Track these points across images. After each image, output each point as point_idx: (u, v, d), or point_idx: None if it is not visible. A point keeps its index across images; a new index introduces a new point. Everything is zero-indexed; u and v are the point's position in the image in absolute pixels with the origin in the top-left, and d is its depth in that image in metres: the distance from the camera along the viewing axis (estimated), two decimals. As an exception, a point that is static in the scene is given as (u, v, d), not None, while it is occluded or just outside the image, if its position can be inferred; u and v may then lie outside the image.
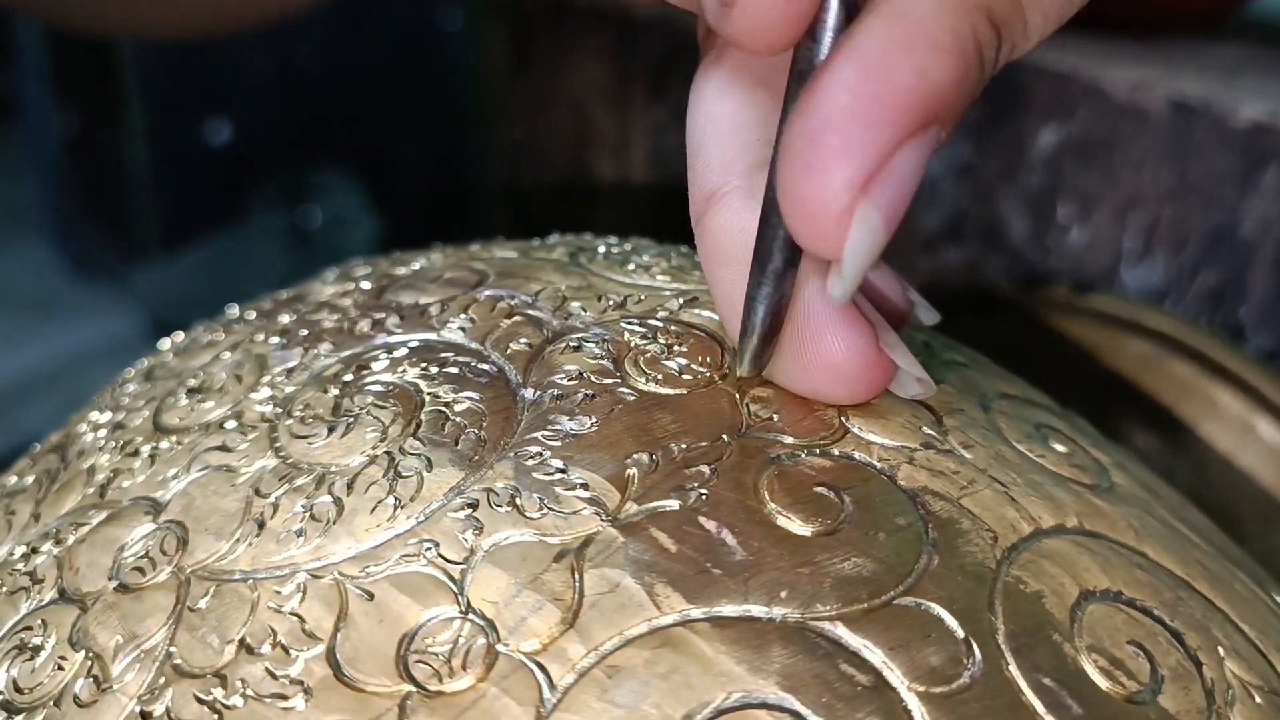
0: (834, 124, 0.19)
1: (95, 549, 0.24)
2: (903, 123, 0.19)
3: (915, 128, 0.19)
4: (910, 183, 0.20)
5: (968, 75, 0.20)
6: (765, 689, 0.19)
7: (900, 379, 0.24)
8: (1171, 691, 0.21)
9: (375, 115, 0.90)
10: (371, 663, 0.20)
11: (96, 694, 0.21)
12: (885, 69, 0.19)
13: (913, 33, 0.19)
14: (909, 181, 0.20)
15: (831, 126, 0.19)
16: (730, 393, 0.24)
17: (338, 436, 0.24)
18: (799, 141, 0.20)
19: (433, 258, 0.30)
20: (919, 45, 0.19)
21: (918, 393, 0.24)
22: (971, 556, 0.22)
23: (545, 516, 0.21)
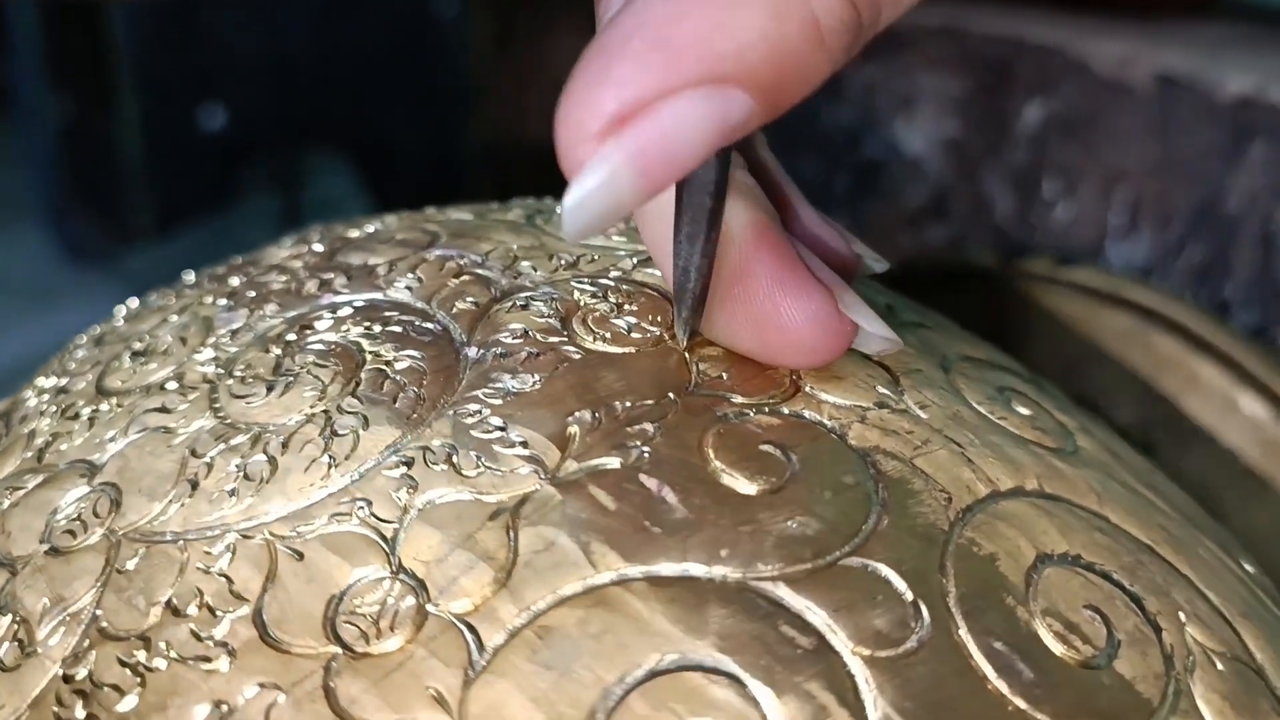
0: (610, 48, 0.18)
1: (28, 512, 0.23)
2: (679, 68, 0.18)
3: (694, 78, 0.18)
4: (679, 140, 0.18)
5: (785, 44, 0.18)
6: (701, 651, 0.19)
7: (864, 337, 0.23)
8: (1128, 656, 0.20)
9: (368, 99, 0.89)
10: (298, 624, 0.20)
11: (20, 658, 0.21)
12: (681, 9, 0.18)
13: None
14: (678, 137, 0.18)
15: (607, 50, 0.18)
16: (680, 352, 0.23)
17: (276, 395, 0.23)
18: (584, 58, 0.19)
19: (387, 220, 0.29)
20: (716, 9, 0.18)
21: (883, 349, 0.23)
22: (923, 517, 0.21)
23: (482, 475, 0.21)
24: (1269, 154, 0.44)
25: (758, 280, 0.22)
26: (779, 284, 0.22)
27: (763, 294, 0.22)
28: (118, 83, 0.88)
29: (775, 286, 0.22)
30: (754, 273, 0.22)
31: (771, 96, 0.19)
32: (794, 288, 0.22)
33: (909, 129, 0.52)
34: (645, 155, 0.18)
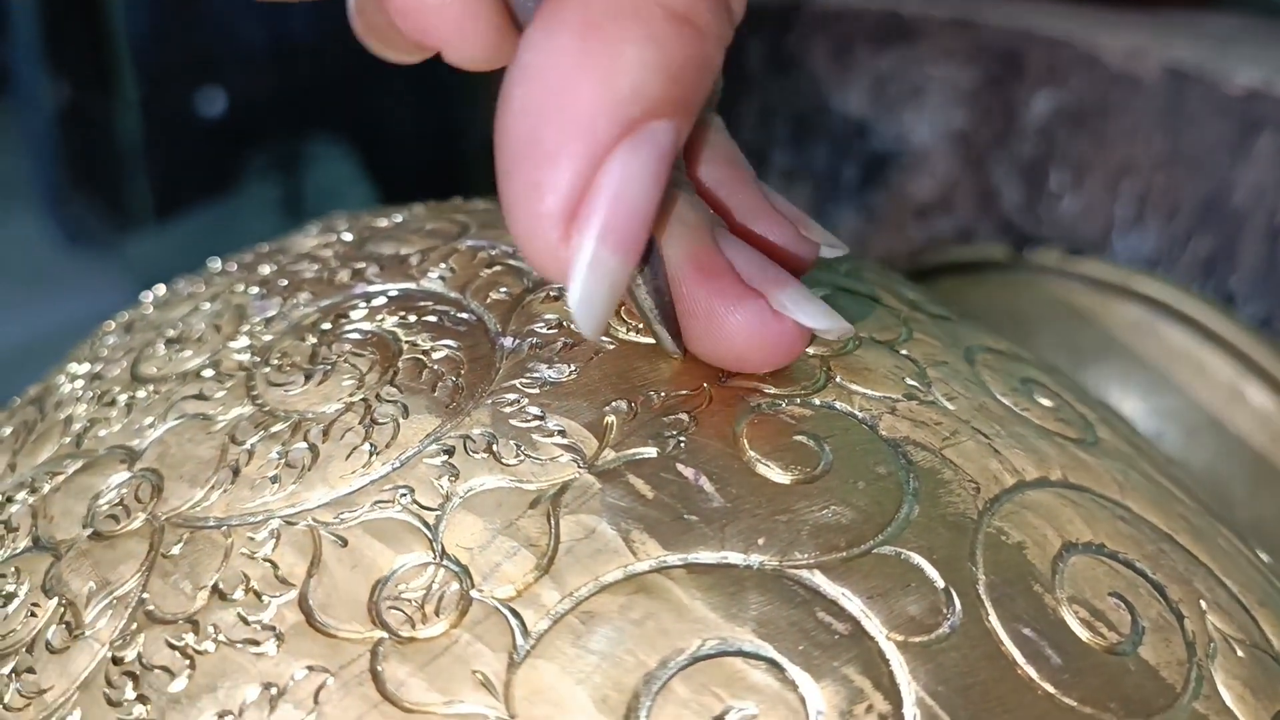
0: (522, 153, 0.18)
1: (70, 497, 0.24)
2: (595, 139, 0.18)
3: (614, 138, 0.18)
4: (632, 197, 0.18)
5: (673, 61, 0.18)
6: (741, 636, 0.19)
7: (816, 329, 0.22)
8: (1152, 643, 0.21)
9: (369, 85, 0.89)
10: (344, 609, 0.20)
11: (69, 640, 0.21)
12: (554, 79, 0.17)
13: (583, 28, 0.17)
14: (629, 195, 0.18)
15: (521, 156, 0.18)
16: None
17: (314, 384, 0.23)
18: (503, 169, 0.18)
19: (415, 210, 0.29)
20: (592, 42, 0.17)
21: (835, 335, 0.23)
22: (953, 507, 0.21)
23: (522, 463, 0.21)
24: (1277, 147, 0.44)
25: (695, 300, 0.22)
26: (714, 298, 0.21)
27: (702, 311, 0.21)
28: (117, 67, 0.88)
29: (711, 301, 0.21)
30: (692, 294, 0.21)
31: (686, 107, 0.19)
32: (727, 299, 0.21)
33: (917, 120, 0.52)
34: (612, 229, 0.18)
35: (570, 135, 0.18)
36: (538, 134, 0.18)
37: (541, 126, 0.18)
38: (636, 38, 0.18)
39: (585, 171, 0.18)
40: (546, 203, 0.18)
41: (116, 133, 0.90)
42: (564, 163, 0.18)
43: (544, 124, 0.18)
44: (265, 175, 0.92)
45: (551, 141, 0.18)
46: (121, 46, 0.87)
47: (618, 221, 0.18)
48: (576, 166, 0.18)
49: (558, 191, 0.18)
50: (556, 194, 0.18)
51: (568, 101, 0.18)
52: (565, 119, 0.18)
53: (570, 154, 0.18)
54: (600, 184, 0.18)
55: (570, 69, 0.18)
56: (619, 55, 0.18)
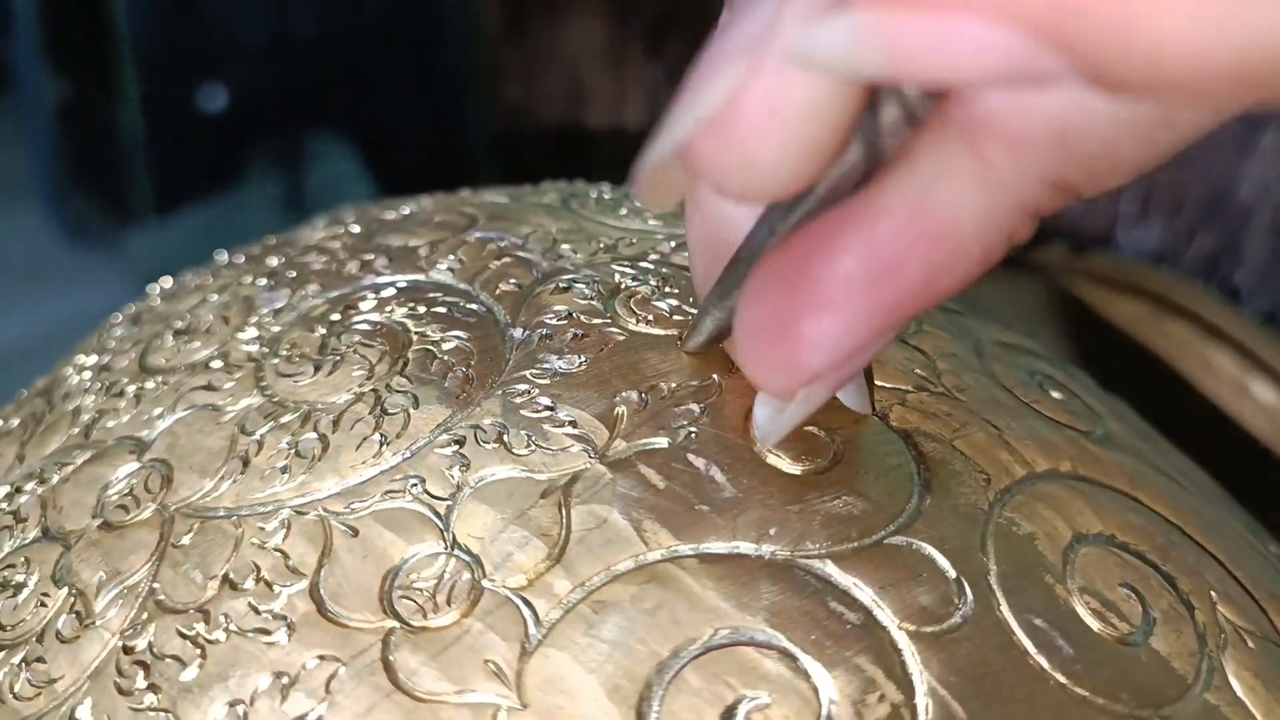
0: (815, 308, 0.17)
1: (79, 488, 0.24)
2: (889, 323, 0.17)
3: (900, 325, 0.18)
4: (868, 359, 0.18)
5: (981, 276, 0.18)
6: (753, 625, 0.19)
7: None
8: (1163, 634, 0.21)
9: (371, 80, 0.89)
10: (355, 598, 0.20)
11: (79, 630, 0.21)
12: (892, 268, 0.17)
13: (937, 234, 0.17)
14: (867, 360, 0.18)
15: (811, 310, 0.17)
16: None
17: (324, 375, 0.23)
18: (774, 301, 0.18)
19: (422, 203, 0.29)
20: (940, 251, 0.17)
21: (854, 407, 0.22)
22: (964, 498, 0.21)
23: (533, 453, 0.21)
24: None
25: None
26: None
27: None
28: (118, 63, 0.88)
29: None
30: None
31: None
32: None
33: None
34: (844, 382, 0.19)
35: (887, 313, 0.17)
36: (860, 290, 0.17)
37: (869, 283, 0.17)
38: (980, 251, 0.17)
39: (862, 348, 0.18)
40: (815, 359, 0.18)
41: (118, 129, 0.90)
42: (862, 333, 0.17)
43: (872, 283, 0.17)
44: (267, 171, 0.91)
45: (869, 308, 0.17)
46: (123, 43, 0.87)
47: (845, 380, 0.19)
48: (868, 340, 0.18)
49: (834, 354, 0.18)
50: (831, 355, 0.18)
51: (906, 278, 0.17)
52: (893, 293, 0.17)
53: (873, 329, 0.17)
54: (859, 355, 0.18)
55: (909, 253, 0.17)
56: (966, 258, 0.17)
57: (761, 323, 0.18)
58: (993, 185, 0.17)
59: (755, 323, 0.18)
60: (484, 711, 0.19)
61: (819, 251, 0.17)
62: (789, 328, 0.18)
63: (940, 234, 0.17)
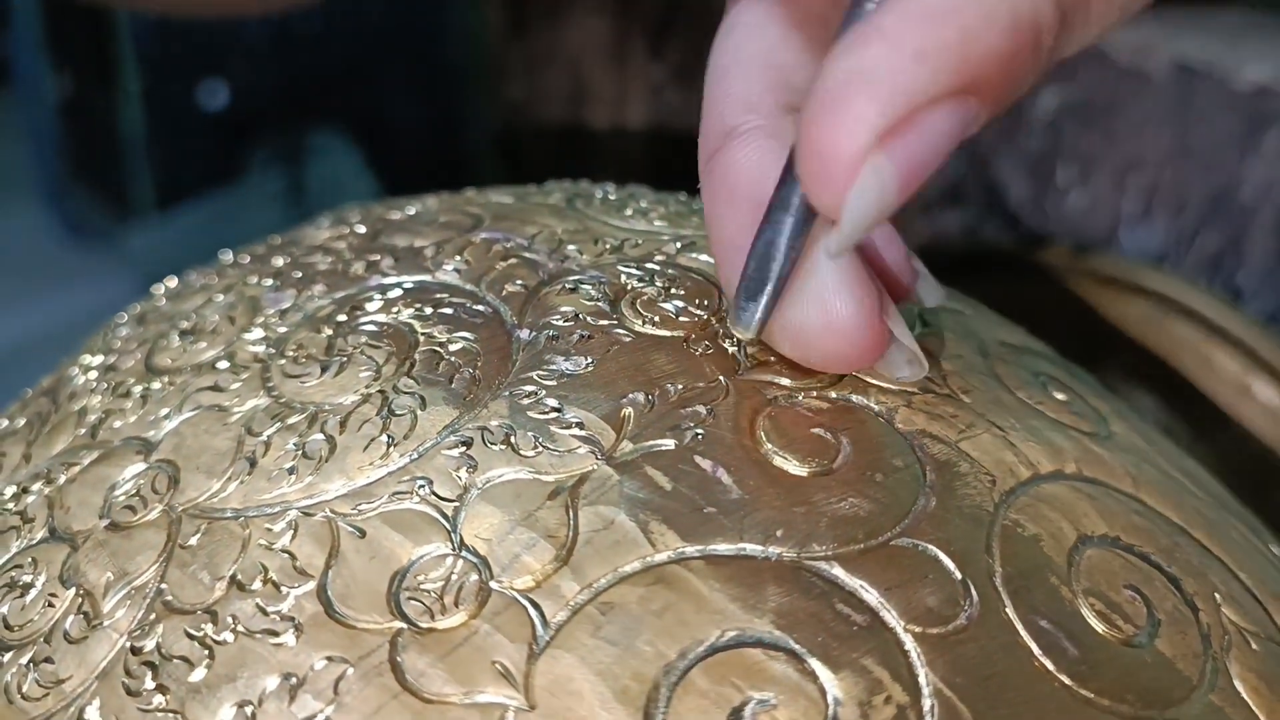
0: (865, 68, 0.18)
1: (86, 488, 0.24)
2: (938, 80, 0.18)
3: (951, 89, 0.18)
4: (935, 150, 0.19)
5: (1018, 56, 0.19)
6: (760, 627, 0.19)
7: (891, 357, 0.23)
8: (1168, 635, 0.21)
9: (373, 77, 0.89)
10: (363, 599, 0.20)
11: (87, 630, 0.21)
12: (931, 22, 0.18)
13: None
14: (934, 148, 0.19)
15: (862, 70, 0.18)
16: (729, 334, 0.23)
17: (331, 375, 0.23)
18: (827, 81, 0.18)
19: (427, 203, 0.29)
20: (970, 9, 0.18)
21: (906, 375, 0.23)
22: (969, 499, 0.21)
23: (540, 455, 0.21)
24: (1284, 143, 0.44)
25: (824, 274, 0.22)
26: (842, 276, 0.21)
27: (826, 285, 0.21)
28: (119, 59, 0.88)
29: (845, 276, 0.22)
30: (823, 268, 0.21)
31: (998, 104, 0.19)
32: (844, 282, 0.22)
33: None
34: (910, 166, 0.19)
35: (920, 71, 0.18)
36: (894, 47, 0.18)
37: (899, 42, 0.18)
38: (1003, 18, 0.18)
39: (912, 106, 0.18)
40: (869, 112, 0.18)
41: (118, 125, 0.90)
42: (901, 91, 0.18)
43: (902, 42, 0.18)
44: (268, 168, 0.91)
45: (901, 60, 0.18)
46: (124, 39, 0.87)
47: (916, 163, 0.19)
48: (910, 98, 0.18)
49: (885, 109, 0.18)
50: (883, 110, 0.18)
51: (932, 36, 0.18)
52: (921, 49, 0.18)
53: (913, 78, 0.18)
54: (921, 122, 0.18)
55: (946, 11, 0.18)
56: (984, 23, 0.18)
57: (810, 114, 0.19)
58: None
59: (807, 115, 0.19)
60: (492, 713, 0.19)
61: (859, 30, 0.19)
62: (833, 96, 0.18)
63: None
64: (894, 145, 0.18)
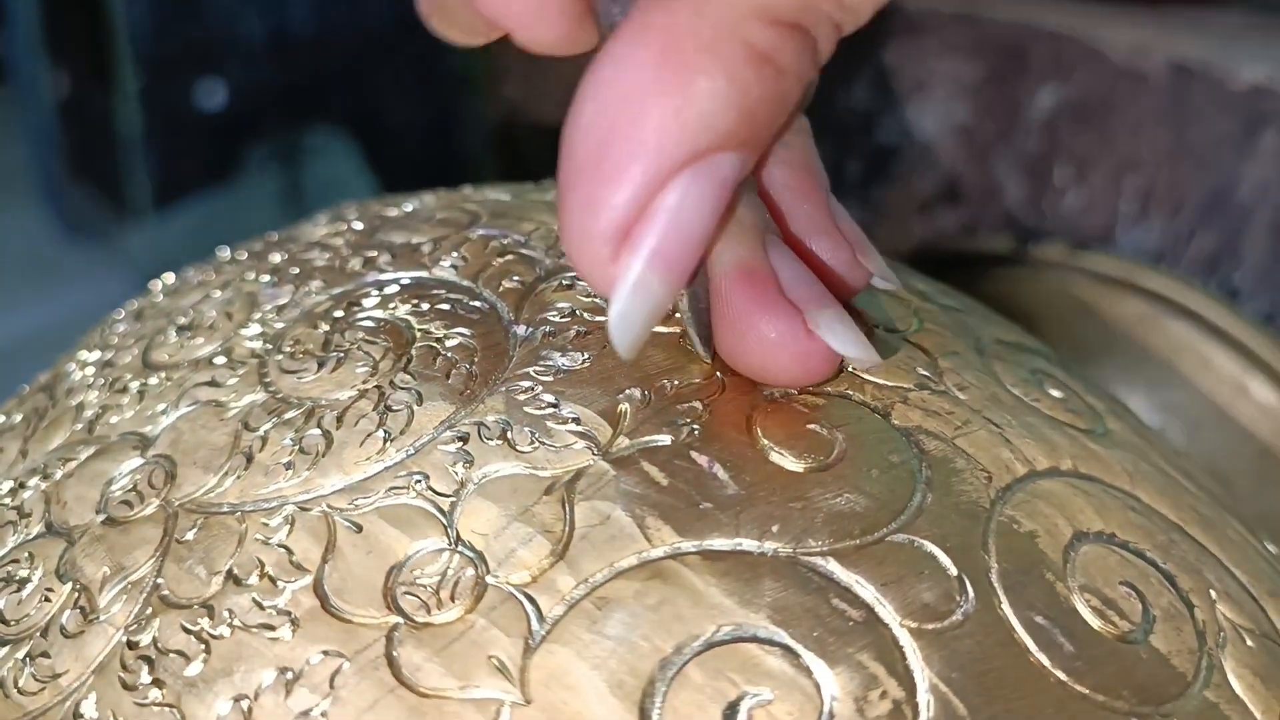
0: (586, 169, 0.18)
1: (83, 483, 0.24)
2: (659, 163, 0.18)
3: (677, 165, 0.18)
4: (687, 224, 0.18)
5: (748, 95, 0.18)
6: (756, 622, 0.19)
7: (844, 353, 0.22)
8: (1163, 631, 0.21)
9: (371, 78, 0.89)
10: (359, 594, 0.20)
11: (83, 625, 0.21)
12: (626, 98, 0.17)
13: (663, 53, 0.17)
14: (684, 221, 0.18)
15: (584, 171, 0.18)
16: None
17: (328, 371, 0.24)
18: (564, 181, 0.18)
19: (425, 199, 0.30)
20: (669, 69, 0.17)
21: (865, 365, 0.23)
22: (965, 495, 0.21)
23: (536, 450, 0.21)
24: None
25: (732, 305, 0.21)
26: (752, 305, 0.21)
27: (736, 316, 0.21)
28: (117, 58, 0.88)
29: (748, 308, 0.21)
30: (729, 298, 0.21)
31: (754, 142, 0.19)
32: (764, 308, 0.21)
33: (922, 114, 0.53)
34: (662, 254, 0.18)
35: (633, 157, 0.18)
36: (602, 150, 0.18)
37: (607, 144, 0.18)
38: (714, 71, 0.18)
39: (643, 195, 0.18)
40: (601, 220, 0.18)
41: (116, 124, 0.90)
42: (624, 183, 0.18)
43: (610, 142, 0.18)
44: (265, 167, 0.91)
45: (614, 160, 0.18)
46: (122, 38, 0.87)
47: (668, 248, 0.18)
48: (635, 188, 0.18)
49: (614, 211, 0.18)
50: (612, 213, 0.18)
51: (636, 123, 0.18)
52: (631, 140, 0.18)
53: (631, 175, 0.18)
54: (656, 209, 0.18)
55: (644, 91, 0.18)
56: (694, 85, 0.18)
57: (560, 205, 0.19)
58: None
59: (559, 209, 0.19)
60: (487, 707, 0.19)
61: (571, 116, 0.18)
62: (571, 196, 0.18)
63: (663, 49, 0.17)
64: (640, 239, 0.18)
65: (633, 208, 0.18)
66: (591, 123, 0.18)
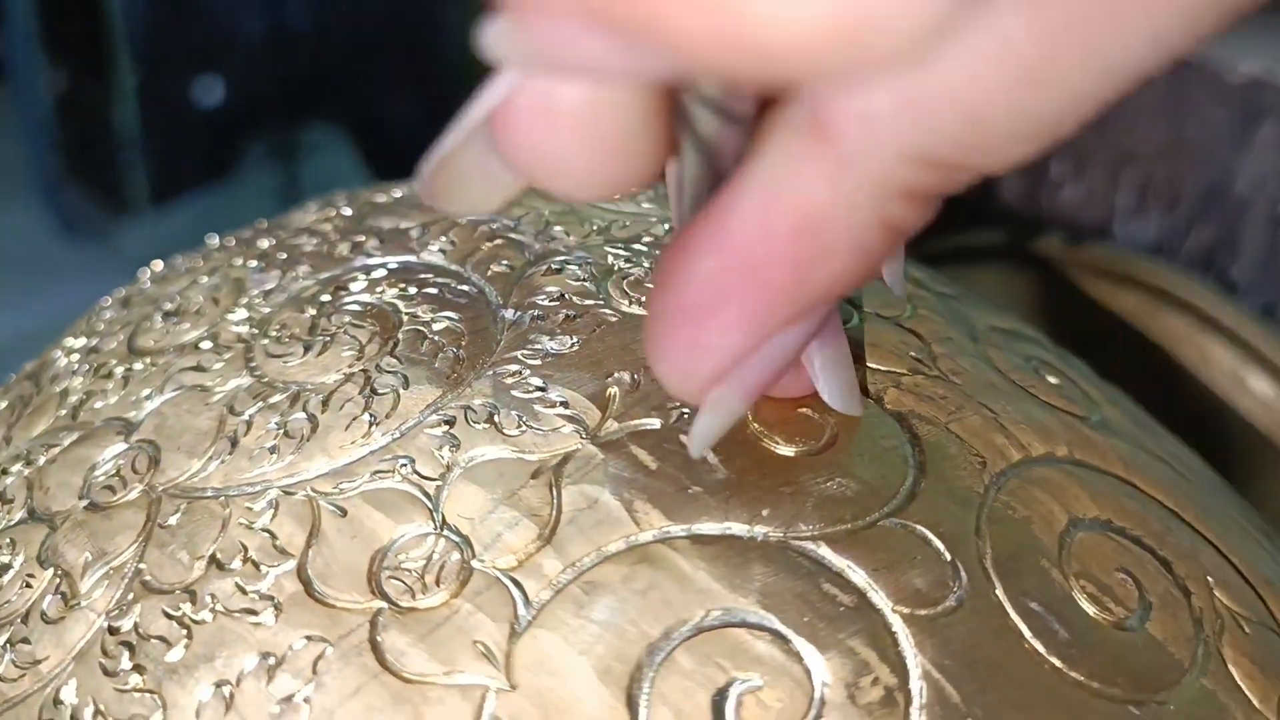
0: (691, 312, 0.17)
1: (66, 469, 0.23)
2: (773, 321, 0.17)
3: (790, 321, 0.17)
4: (781, 362, 0.18)
5: (868, 268, 0.17)
6: (745, 607, 0.19)
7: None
8: (1160, 619, 0.21)
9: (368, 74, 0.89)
10: (343, 579, 0.20)
11: (64, 610, 0.21)
12: (753, 269, 0.17)
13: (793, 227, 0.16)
14: (779, 362, 0.18)
15: (687, 314, 0.17)
16: None
17: (314, 355, 0.23)
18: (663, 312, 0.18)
19: (414, 186, 0.29)
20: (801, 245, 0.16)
21: (840, 406, 0.21)
22: (959, 481, 0.21)
23: (524, 434, 0.21)
24: (1278, 135, 0.44)
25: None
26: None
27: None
28: (114, 55, 0.88)
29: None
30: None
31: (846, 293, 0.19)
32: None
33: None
34: (758, 385, 0.18)
35: (751, 319, 0.17)
36: (719, 304, 0.17)
37: (723, 302, 0.17)
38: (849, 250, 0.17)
39: (751, 348, 0.18)
40: (706, 365, 0.18)
41: (113, 121, 0.90)
42: (736, 337, 0.17)
43: (725, 303, 0.17)
44: (262, 164, 0.91)
45: (737, 312, 0.17)
46: (119, 35, 0.87)
47: (759, 381, 0.18)
48: (746, 343, 0.17)
49: (720, 360, 0.18)
50: (719, 361, 0.18)
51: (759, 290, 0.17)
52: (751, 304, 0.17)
53: (746, 332, 0.17)
54: (763, 353, 0.18)
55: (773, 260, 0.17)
56: (827, 265, 0.17)
57: (655, 325, 0.18)
58: (846, 168, 0.16)
59: (651, 323, 0.18)
60: (472, 693, 0.18)
61: (684, 256, 0.17)
62: (675, 331, 0.18)
63: (796, 227, 0.16)
64: (736, 379, 0.18)
65: (738, 359, 0.18)
66: (710, 278, 0.17)
